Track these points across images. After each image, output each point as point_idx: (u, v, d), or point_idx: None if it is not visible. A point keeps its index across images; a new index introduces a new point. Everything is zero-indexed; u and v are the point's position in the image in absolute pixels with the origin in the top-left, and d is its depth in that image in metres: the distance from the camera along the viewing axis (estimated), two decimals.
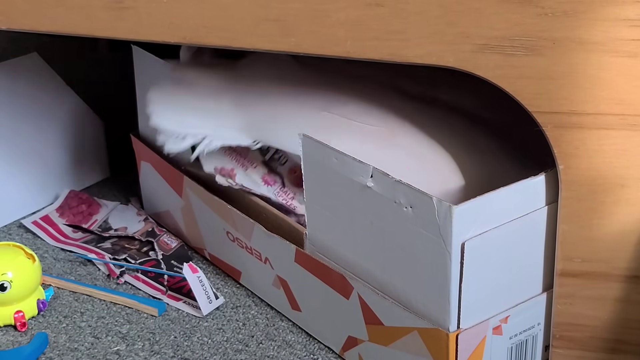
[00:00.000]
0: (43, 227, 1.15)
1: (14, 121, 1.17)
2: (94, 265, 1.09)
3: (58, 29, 0.87)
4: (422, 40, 0.79)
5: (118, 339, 0.98)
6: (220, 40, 0.84)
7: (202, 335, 0.98)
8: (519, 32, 0.77)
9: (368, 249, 0.87)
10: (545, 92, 0.78)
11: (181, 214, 1.10)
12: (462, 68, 0.79)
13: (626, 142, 0.78)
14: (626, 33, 0.75)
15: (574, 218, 0.81)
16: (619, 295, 0.83)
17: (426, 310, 0.83)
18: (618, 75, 0.76)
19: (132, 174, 1.18)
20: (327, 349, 0.96)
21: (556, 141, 0.79)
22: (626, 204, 0.80)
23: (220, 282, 1.06)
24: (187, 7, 0.83)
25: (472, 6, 0.77)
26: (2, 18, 0.87)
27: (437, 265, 0.80)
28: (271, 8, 0.82)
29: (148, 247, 1.10)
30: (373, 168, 0.83)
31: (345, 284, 0.90)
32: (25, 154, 1.17)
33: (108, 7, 0.85)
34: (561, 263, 0.83)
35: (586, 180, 0.79)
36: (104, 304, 1.03)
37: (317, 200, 0.90)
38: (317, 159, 0.88)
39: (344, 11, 0.80)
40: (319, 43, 0.82)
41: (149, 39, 0.86)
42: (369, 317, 0.89)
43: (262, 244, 0.98)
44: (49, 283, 1.05)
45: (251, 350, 0.96)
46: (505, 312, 0.85)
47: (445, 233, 0.78)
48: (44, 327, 0.99)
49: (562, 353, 0.87)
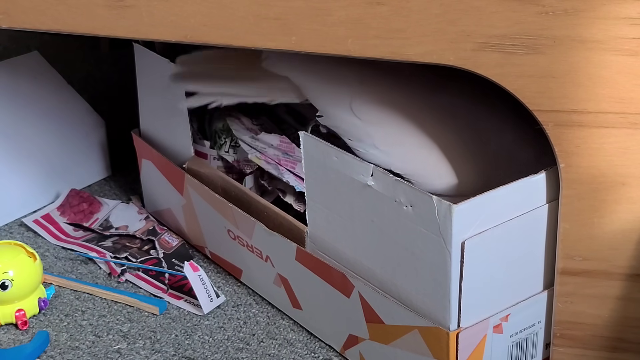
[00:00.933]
0: (44, 226, 1.15)
1: (15, 119, 1.17)
2: (95, 263, 1.09)
3: (59, 28, 0.87)
4: (422, 39, 0.79)
5: (119, 338, 0.98)
6: (221, 38, 0.84)
7: (203, 333, 0.98)
8: (519, 31, 0.77)
9: (368, 248, 0.87)
10: (546, 91, 0.78)
11: (182, 212, 1.10)
12: (463, 66, 0.79)
13: (627, 140, 0.78)
14: (627, 31, 0.75)
15: (574, 216, 0.81)
16: (619, 294, 0.83)
17: (426, 308, 0.83)
18: (619, 74, 0.76)
19: (133, 172, 1.18)
20: (328, 347, 0.96)
21: (557, 139, 0.79)
22: (627, 202, 0.80)
23: (221, 281, 1.06)
24: (188, 5, 0.83)
25: (473, 5, 0.77)
26: (4, 17, 0.87)
27: (438, 263, 0.80)
28: (272, 6, 0.82)
29: (149, 246, 1.10)
30: (373, 167, 0.83)
31: (346, 283, 0.90)
32: (26, 152, 1.17)
33: (109, 6, 0.85)
34: (562, 261, 0.83)
35: (587, 178, 0.79)
36: (105, 303, 1.03)
37: (318, 199, 0.90)
38: (318, 157, 0.88)
39: (344, 9, 0.80)
40: (319, 41, 0.82)
41: (150, 38, 0.87)
42: (369, 315, 0.89)
43: (263, 242, 0.98)
44: (50, 281, 1.05)
45: (252, 348, 0.96)
46: (506, 311, 0.85)
47: (445, 232, 0.78)
48: (45, 326, 0.99)
49: (562, 351, 0.87)
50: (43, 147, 1.18)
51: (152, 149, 1.10)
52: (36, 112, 1.18)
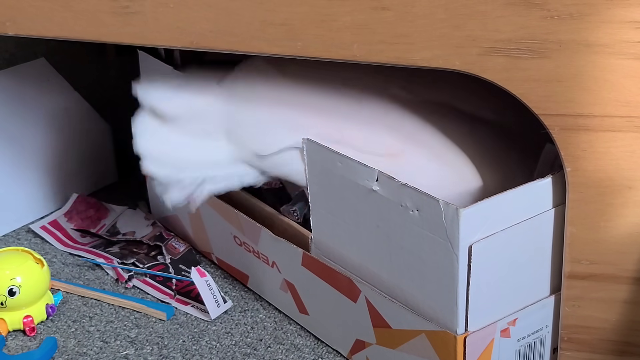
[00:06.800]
0: (51, 232, 1.15)
1: (22, 126, 1.17)
2: (102, 269, 1.09)
3: (65, 35, 0.87)
4: (428, 44, 0.79)
5: (127, 343, 0.98)
6: (227, 44, 0.84)
7: (211, 339, 0.98)
8: (525, 35, 0.77)
9: (375, 253, 0.87)
10: (552, 95, 0.78)
11: (189, 218, 1.10)
12: (469, 71, 0.79)
13: (633, 144, 0.78)
14: (632, 35, 0.75)
15: (581, 220, 0.81)
16: (627, 297, 0.83)
17: (434, 313, 0.83)
18: (625, 78, 0.76)
19: (140, 178, 1.19)
20: (335, 352, 0.96)
21: (563, 143, 0.79)
22: (634, 206, 0.79)
23: (228, 286, 1.06)
24: (194, 12, 0.84)
25: (478, 9, 0.77)
26: (10, 24, 0.88)
27: (445, 268, 0.80)
28: (278, 12, 0.82)
29: (156, 252, 1.10)
30: (378, 172, 0.83)
31: (353, 287, 0.90)
32: (33, 158, 1.17)
33: (115, 13, 0.85)
34: (569, 265, 0.83)
35: (593, 182, 0.79)
36: (113, 308, 1.03)
37: (323, 205, 0.90)
38: (322, 163, 0.88)
39: (350, 15, 0.80)
40: (325, 47, 0.82)
41: (156, 44, 0.87)
42: (376, 320, 0.89)
43: (269, 248, 0.98)
44: (57, 288, 1.05)
45: (259, 353, 0.96)
46: (513, 315, 0.85)
47: (452, 236, 0.78)
48: (53, 332, 1.00)
49: (570, 355, 0.87)
50: (50, 153, 1.19)
51: None
52: (43, 118, 1.18)
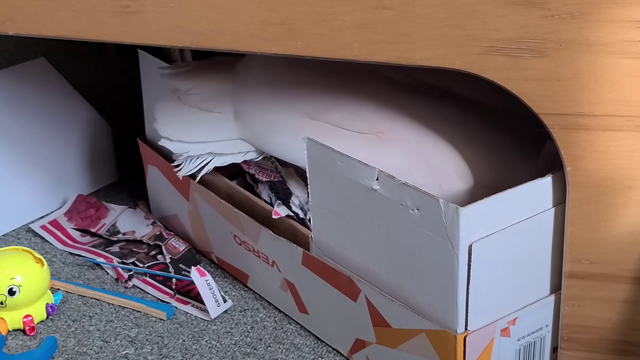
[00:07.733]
0: (51, 232, 1.15)
1: (21, 126, 1.17)
2: (102, 269, 1.09)
3: (65, 34, 0.87)
4: (428, 43, 0.79)
5: (127, 343, 0.98)
6: (227, 44, 0.84)
7: (211, 338, 0.98)
8: (525, 34, 0.77)
9: (375, 252, 0.87)
10: (552, 94, 0.78)
11: (188, 217, 1.10)
12: (469, 70, 0.79)
13: (634, 143, 0.78)
14: (633, 34, 0.75)
15: (581, 220, 0.81)
16: (627, 297, 0.83)
17: (434, 312, 0.83)
18: (625, 77, 0.76)
19: (140, 177, 1.19)
20: (335, 351, 0.96)
21: (563, 143, 0.79)
22: (634, 206, 0.79)
23: (228, 286, 1.06)
24: (194, 11, 0.84)
25: (478, 8, 0.77)
26: (10, 23, 0.88)
27: (445, 267, 0.80)
28: (278, 12, 0.82)
29: (156, 251, 1.10)
30: (379, 171, 0.83)
31: (353, 287, 0.90)
32: (33, 158, 1.17)
33: (115, 12, 0.85)
34: (569, 265, 0.83)
35: (594, 181, 0.79)
36: (113, 308, 1.03)
37: (323, 204, 0.90)
38: (322, 162, 0.88)
39: (350, 14, 0.80)
40: (325, 46, 0.82)
41: (157, 44, 0.87)
42: (376, 319, 0.89)
43: (269, 247, 0.98)
44: (57, 287, 1.05)
45: (259, 353, 0.96)
46: (513, 314, 0.85)
47: (452, 235, 0.78)
48: (53, 331, 1.00)
49: (570, 355, 0.87)
50: (49, 153, 1.19)
51: (158, 155, 1.10)
52: (43, 117, 1.18)
